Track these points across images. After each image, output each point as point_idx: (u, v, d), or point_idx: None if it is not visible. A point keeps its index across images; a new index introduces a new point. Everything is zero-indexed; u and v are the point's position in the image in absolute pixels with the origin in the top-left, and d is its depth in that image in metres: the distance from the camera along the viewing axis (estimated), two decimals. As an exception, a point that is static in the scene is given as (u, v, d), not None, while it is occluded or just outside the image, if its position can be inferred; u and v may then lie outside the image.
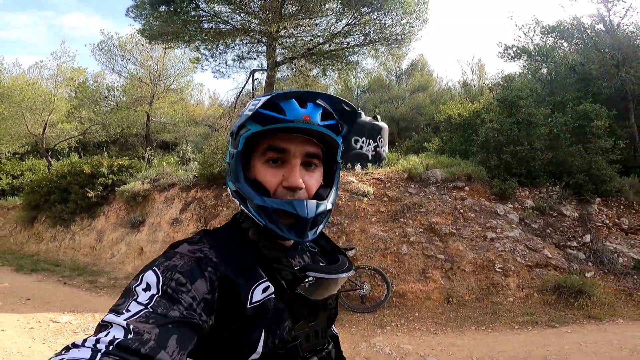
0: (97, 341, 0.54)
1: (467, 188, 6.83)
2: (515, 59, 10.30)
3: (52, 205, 10.20)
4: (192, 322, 0.62)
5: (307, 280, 0.77)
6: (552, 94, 9.18)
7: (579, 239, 6.16)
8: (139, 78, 13.47)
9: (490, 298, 5.43)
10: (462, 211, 6.36)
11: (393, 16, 7.91)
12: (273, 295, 0.76)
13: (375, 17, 7.79)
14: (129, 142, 18.05)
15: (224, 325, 0.70)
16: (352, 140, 8.25)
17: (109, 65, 13.79)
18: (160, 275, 0.66)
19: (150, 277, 0.66)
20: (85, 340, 0.55)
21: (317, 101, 0.80)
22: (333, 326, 1.04)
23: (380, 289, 5.50)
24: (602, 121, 6.91)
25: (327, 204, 0.80)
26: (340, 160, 0.88)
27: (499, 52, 10.49)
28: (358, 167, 7.82)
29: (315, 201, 0.77)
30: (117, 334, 0.56)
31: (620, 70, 8.16)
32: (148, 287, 0.64)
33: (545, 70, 10.19)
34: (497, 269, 5.58)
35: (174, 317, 0.61)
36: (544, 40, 10.10)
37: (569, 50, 9.88)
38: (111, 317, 0.59)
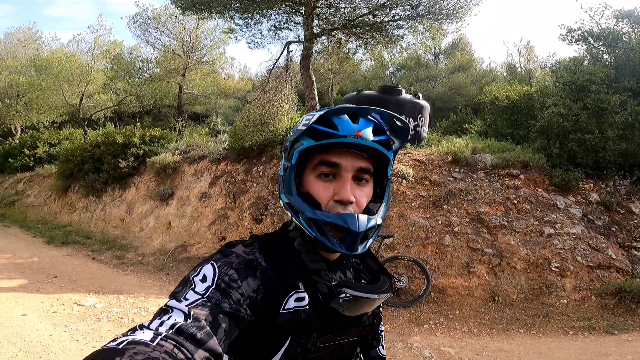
0: (161, 324, 0.59)
1: (522, 176, 6.18)
2: (579, 42, 9.33)
3: (85, 174, 10.25)
4: (238, 315, 0.67)
5: (342, 295, 0.78)
6: (617, 80, 8.30)
7: (647, 240, 5.47)
8: (173, 50, 13.36)
9: (540, 299, 4.93)
10: (515, 202, 5.75)
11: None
12: (307, 307, 0.77)
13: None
14: (162, 113, 18.26)
15: (258, 325, 0.73)
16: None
17: (144, 37, 13.79)
18: (217, 270, 0.71)
19: (208, 270, 0.71)
20: (151, 322, 0.59)
21: (369, 116, 0.80)
22: (381, 348, 1.02)
23: (418, 282, 5.10)
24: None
25: (377, 219, 0.80)
26: (390, 176, 0.89)
27: (561, 35, 9.54)
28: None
29: (366, 215, 0.78)
30: (178, 318, 0.60)
31: None
32: (204, 279, 0.69)
33: (606, 56, 9.21)
34: (553, 268, 5.03)
35: (224, 309, 0.65)
36: (613, 24, 9.06)
37: (643, 36, 8.80)
38: (173, 303, 0.64)
